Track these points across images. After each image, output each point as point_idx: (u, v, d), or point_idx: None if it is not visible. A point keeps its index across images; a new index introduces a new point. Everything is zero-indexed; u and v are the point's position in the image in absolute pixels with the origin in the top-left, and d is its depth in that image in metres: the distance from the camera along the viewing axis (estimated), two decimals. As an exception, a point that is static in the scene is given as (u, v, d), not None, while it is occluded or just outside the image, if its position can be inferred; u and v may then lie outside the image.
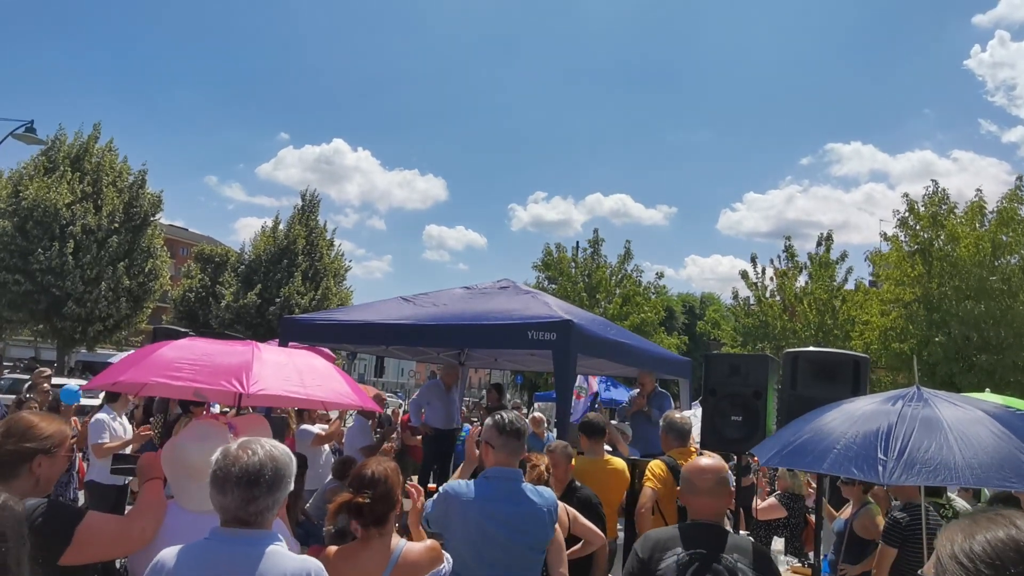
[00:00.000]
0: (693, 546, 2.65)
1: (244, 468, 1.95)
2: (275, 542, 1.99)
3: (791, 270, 25.07)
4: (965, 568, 1.03)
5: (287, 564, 1.94)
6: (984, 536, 1.05)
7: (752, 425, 4.93)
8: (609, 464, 5.22)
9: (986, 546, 1.03)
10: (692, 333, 41.80)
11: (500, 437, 3.12)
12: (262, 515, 1.98)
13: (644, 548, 2.71)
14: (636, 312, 26.91)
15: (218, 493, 1.97)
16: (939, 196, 20.54)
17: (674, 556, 2.64)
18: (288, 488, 2.07)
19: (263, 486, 1.96)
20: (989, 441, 2.43)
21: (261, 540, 1.96)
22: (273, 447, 2.06)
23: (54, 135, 27.24)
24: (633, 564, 2.71)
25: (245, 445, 2.02)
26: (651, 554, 2.66)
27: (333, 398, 3.37)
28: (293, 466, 2.09)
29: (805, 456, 2.77)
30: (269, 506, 1.99)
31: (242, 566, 1.90)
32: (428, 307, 7.13)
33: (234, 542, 1.94)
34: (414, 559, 2.63)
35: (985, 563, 1.01)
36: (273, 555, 1.94)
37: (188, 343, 3.29)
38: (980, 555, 1.02)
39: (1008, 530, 1.04)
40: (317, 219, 34.53)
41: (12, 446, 2.36)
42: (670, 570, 2.61)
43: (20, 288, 25.33)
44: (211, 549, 1.95)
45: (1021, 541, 1.02)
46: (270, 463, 1.99)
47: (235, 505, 1.95)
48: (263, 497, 1.96)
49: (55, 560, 2.26)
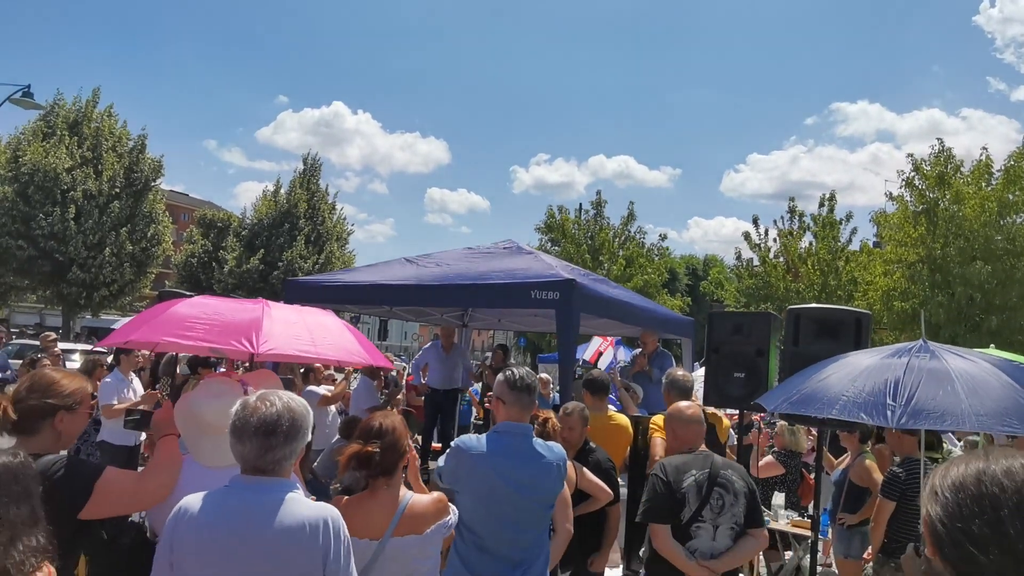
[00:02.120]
0: (701, 467, 3.37)
1: (262, 419, 2.02)
2: (293, 490, 2.05)
3: (795, 231, 24.98)
4: (935, 497, 1.07)
5: (305, 509, 2.01)
6: (957, 470, 1.08)
7: (755, 383, 4.97)
8: (612, 420, 5.28)
9: (957, 479, 1.07)
10: (695, 295, 41.83)
11: (511, 392, 3.14)
12: (279, 464, 2.05)
13: (667, 472, 3.36)
14: (639, 274, 26.92)
15: (237, 442, 2.03)
16: (945, 155, 20.33)
17: (692, 476, 3.35)
18: (305, 439, 2.12)
19: (280, 436, 2.02)
20: (994, 390, 2.49)
21: (279, 487, 2.03)
22: (291, 399, 2.11)
23: (52, 100, 26.98)
24: (658, 485, 3.33)
25: (263, 397, 2.08)
26: (674, 476, 3.34)
27: (344, 356, 3.39)
28: (310, 418, 2.15)
29: (814, 403, 2.85)
30: (287, 455, 2.05)
31: (261, 510, 1.97)
32: (431, 267, 7.15)
33: (253, 489, 2.01)
34: (420, 509, 2.69)
35: (950, 489, 1.05)
36: (291, 501, 2.00)
37: (200, 300, 3.31)
38: (948, 487, 1.06)
39: (979, 463, 1.07)
40: (319, 183, 34.36)
41: (35, 400, 2.40)
42: (691, 488, 3.32)
43: (24, 253, 25.36)
44: (232, 495, 2.02)
45: (984, 470, 1.04)
46: (287, 414, 2.05)
47: (254, 454, 2.01)
48: (280, 447, 2.02)
49: (75, 514, 2.31)
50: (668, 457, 3.59)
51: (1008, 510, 0.97)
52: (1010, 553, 0.95)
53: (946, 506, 1.03)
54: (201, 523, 1.97)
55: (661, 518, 3.35)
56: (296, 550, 1.94)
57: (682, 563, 3.34)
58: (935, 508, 1.05)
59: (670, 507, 3.34)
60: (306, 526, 1.96)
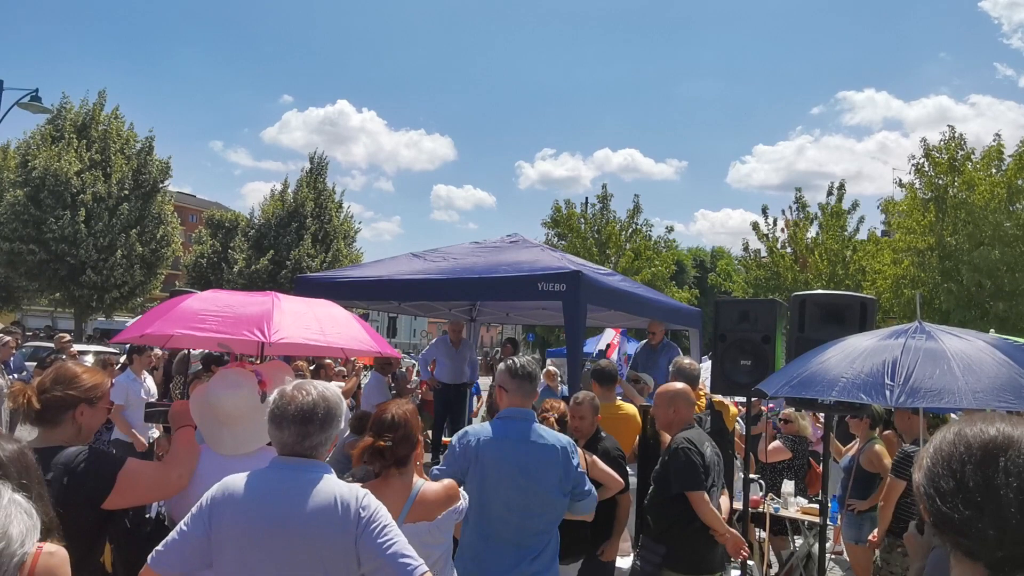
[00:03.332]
0: (707, 439, 3.95)
1: (299, 407, 2.12)
2: (328, 472, 2.17)
3: (802, 220, 24.91)
4: (918, 462, 1.10)
5: (339, 487, 2.11)
6: (942, 435, 1.10)
7: (761, 369, 4.98)
8: (621, 410, 5.33)
9: (936, 440, 1.09)
10: (703, 287, 41.68)
11: (512, 380, 3.26)
12: (316, 449, 2.16)
13: (697, 444, 3.79)
14: (647, 267, 26.91)
15: (276, 429, 2.14)
16: (956, 141, 20.20)
17: (709, 446, 3.89)
18: (339, 426, 2.23)
19: (316, 423, 2.13)
20: (990, 368, 2.54)
21: (316, 468, 2.15)
22: (325, 388, 2.22)
23: (59, 104, 27.14)
24: (694, 456, 3.72)
25: (300, 386, 2.19)
26: (702, 447, 3.78)
27: (353, 345, 3.46)
28: (343, 406, 2.26)
29: (814, 386, 2.90)
30: (322, 441, 2.17)
31: (298, 487, 2.08)
32: (439, 262, 7.21)
33: (292, 468, 2.13)
34: (432, 497, 2.75)
35: (929, 454, 1.08)
36: (327, 480, 2.12)
37: (212, 295, 3.37)
38: (928, 451, 1.09)
39: (963, 427, 1.08)
40: (325, 182, 34.43)
41: (59, 392, 2.48)
42: (711, 458, 3.83)
43: (35, 257, 25.55)
44: (272, 474, 2.13)
45: (960, 431, 1.06)
46: (322, 403, 2.16)
47: (292, 440, 2.13)
48: (316, 433, 2.14)
49: (99, 504, 2.38)
50: (683, 432, 3.92)
51: (972, 465, 1.00)
52: (974, 506, 0.98)
53: (925, 469, 1.07)
54: (243, 498, 2.07)
55: (703, 486, 3.70)
56: (329, 525, 2.03)
57: (723, 528, 3.75)
58: (917, 474, 1.09)
59: (706, 475, 3.73)
60: (338, 504, 2.05)
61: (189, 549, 2.05)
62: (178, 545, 2.05)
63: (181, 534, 2.06)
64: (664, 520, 3.86)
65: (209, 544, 2.04)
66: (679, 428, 3.95)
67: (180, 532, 2.07)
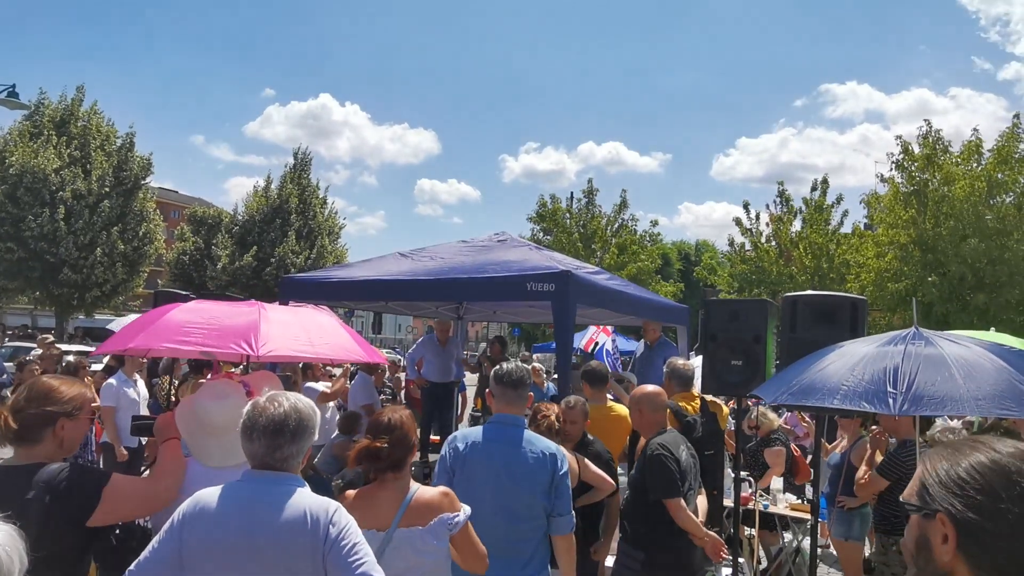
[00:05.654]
0: (683, 442, 3.95)
1: (270, 418, 2.09)
2: (300, 485, 2.13)
3: (786, 215, 25.06)
4: (956, 495, 1.06)
5: (310, 501, 2.07)
6: (968, 462, 1.07)
7: (752, 370, 4.98)
8: (612, 411, 5.31)
9: (972, 472, 1.06)
10: (688, 280, 41.86)
11: (498, 387, 3.31)
12: (287, 461, 2.12)
13: (670, 449, 3.76)
14: (633, 261, 26.96)
15: (247, 441, 2.11)
16: (933, 137, 20.39)
17: (684, 449, 3.89)
18: (312, 438, 2.19)
19: (287, 435, 2.10)
20: (989, 373, 2.55)
21: (287, 481, 2.11)
22: (298, 399, 2.19)
23: (36, 99, 26.70)
24: (671, 463, 3.69)
25: (272, 398, 2.16)
26: (676, 453, 3.76)
27: (341, 354, 3.42)
28: (316, 418, 2.22)
29: (815, 394, 2.88)
30: (294, 453, 2.13)
31: (269, 500, 2.05)
32: (426, 261, 7.13)
33: (263, 481, 2.09)
34: (426, 501, 2.71)
35: (975, 489, 1.04)
36: (299, 494, 2.08)
37: (195, 306, 3.29)
38: (969, 482, 1.05)
39: (989, 454, 1.06)
40: (309, 177, 34.18)
41: (35, 409, 2.37)
42: (687, 462, 3.82)
43: (13, 256, 25.21)
44: (243, 487, 2.10)
45: (1006, 465, 1.04)
46: (294, 414, 2.13)
47: (262, 452, 2.10)
48: (287, 445, 2.10)
49: (84, 522, 2.30)
50: (657, 437, 3.88)
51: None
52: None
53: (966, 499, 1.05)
54: (214, 512, 2.04)
55: (680, 492, 3.68)
56: (298, 540, 2.00)
57: (701, 532, 3.72)
58: (952, 501, 1.06)
59: (682, 481, 3.70)
60: (308, 518, 2.02)
61: (162, 566, 2.02)
62: (151, 564, 2.02)
63: (153, 551, 2.04)
64: (642, 526, 3.85)
65: (181, 559, 2.02)
66: (652, 431, 3.94)
67: (152, 549, 2.04)
